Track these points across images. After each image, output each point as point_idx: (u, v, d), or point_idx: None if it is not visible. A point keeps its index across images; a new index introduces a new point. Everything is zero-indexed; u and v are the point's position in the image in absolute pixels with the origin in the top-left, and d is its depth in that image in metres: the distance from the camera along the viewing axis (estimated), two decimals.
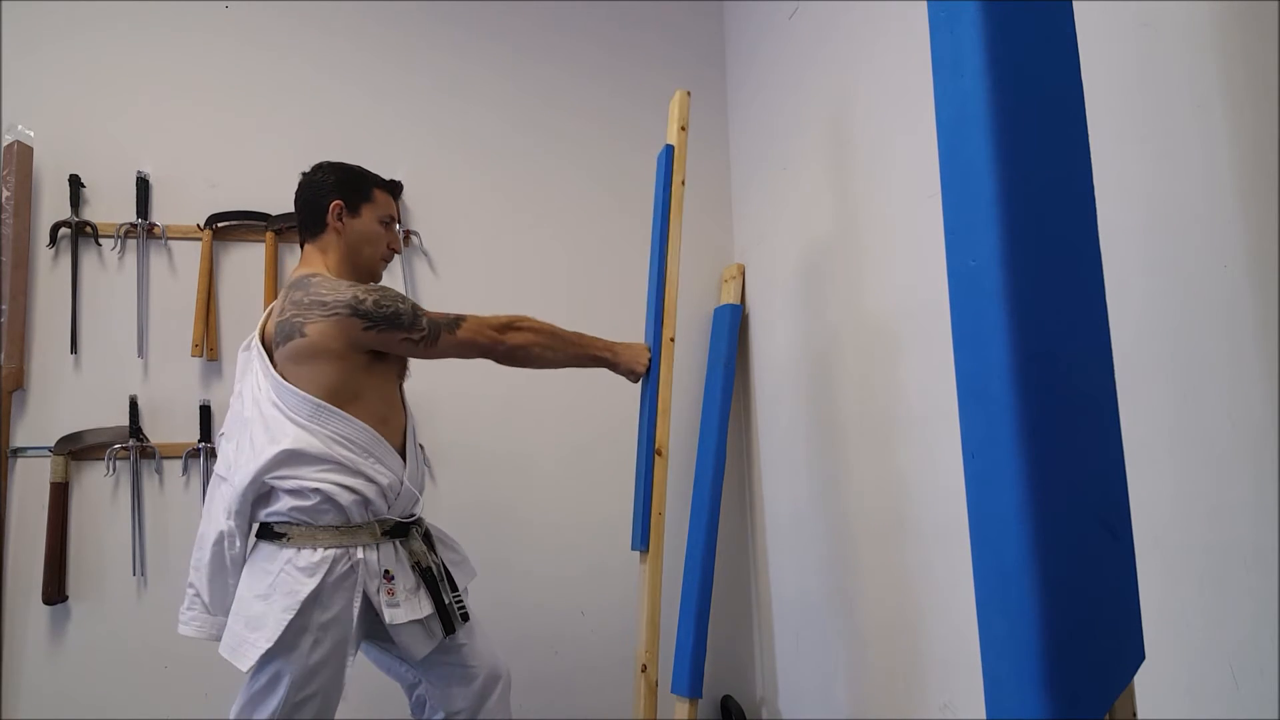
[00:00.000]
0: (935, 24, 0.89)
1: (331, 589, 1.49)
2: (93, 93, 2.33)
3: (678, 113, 1.91)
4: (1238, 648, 1.00)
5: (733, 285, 2.60)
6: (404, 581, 1.57)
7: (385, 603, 1.53)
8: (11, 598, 2.14)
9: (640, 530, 1.78)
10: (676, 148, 1.89)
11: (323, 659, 1.48)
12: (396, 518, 1.61)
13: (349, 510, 1.52)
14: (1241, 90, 1.01)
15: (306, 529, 1.51)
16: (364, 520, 1.54)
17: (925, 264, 1.60)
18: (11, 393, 2.18)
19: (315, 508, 1.50)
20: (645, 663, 1.73)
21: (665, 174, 1.91)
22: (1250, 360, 1.00)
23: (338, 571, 1.50)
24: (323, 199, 1.67)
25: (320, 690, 1.49)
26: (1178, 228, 1.09)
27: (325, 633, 1.48)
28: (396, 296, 1.60)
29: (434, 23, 2.60)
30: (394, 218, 1.76)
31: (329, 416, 1.52)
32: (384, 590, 1.53)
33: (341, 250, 1.68)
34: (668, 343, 1.85)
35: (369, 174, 1.75)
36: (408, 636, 1.57)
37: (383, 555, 1.56)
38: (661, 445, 1.81)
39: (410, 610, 1.55)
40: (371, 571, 1.54)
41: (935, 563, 1.62)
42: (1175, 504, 1.08)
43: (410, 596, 1.57)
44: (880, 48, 1.82)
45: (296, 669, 1.46)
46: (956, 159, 0.85)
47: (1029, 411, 0.77)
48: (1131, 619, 0.83)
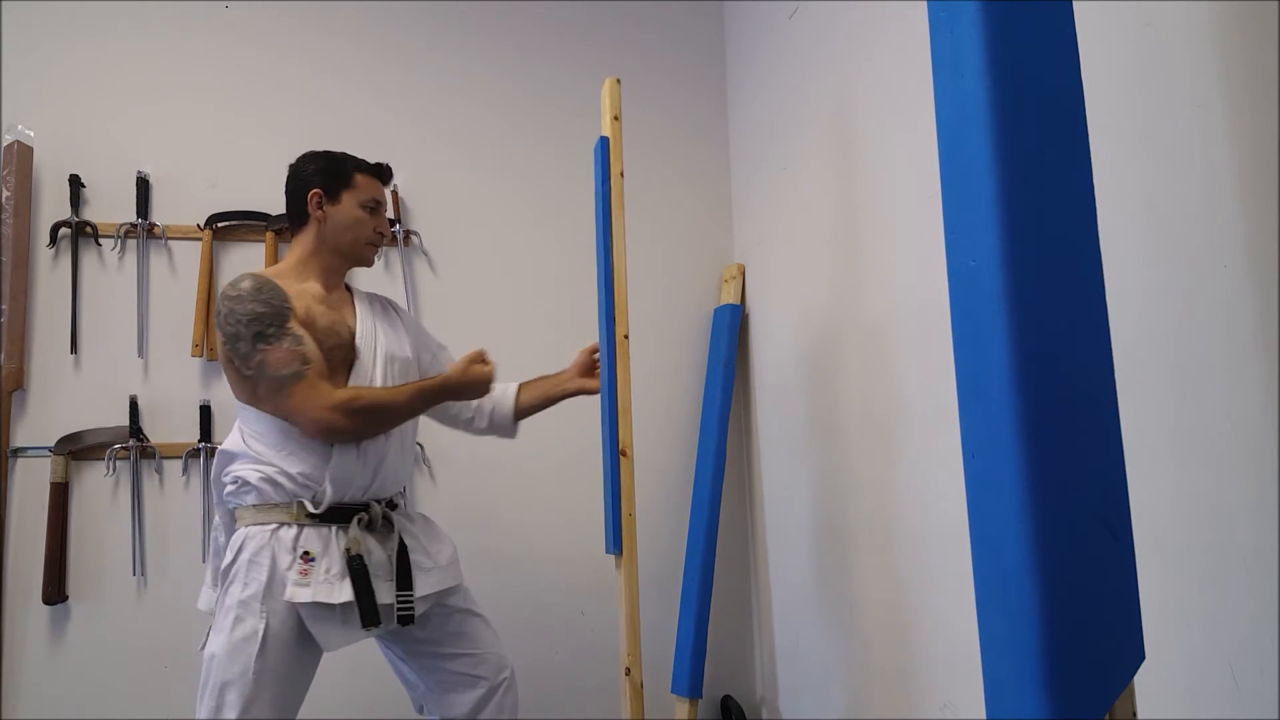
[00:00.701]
0: (935, 24, 0.89)
1: (247, 566, 1.51)
2: (93, 93, 2.33)
3: (609, 102, 1.84)
4: (1238, 648, 1.00)
5: (733, 285, 2.60)
6: (328, 565, 1.52)
7: (292, 580, 1.49)
8: (11, 598, 2.14)
9: (613, 533, 1.76)
10: (612, 139, 1.84)
11: (244, 636, 1.46)
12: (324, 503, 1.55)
13: (259, 489, 1.54)
14: (1241, 90, 1.01)
15: (239, 510, 1.58)
16: (281, 500, 1.55)
17: (925, 264, 1.60)
18: (11, 393, 2.18)
19: (238, 491, 1.57)
20: (629, 665, 1.72)
21: (603, 166, 1.84)
22: (1250, 360, 1.00)
23: (250, 548, 1.51)
24: (303, 188, 1.67)
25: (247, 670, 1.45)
26: (1178, 228, 1.09)
27: (245, 609, 1.48)
28: (248, 316, 1.50)
29: (433, 22, 2.60)
30: (380, 201, 1.72)
31: (246, 415, 1.59)
32: (297, 569, 1.50)
33: (320, 238, 1.67)
34: (622, 341, 1.80)
35: (351, 159, 1.71)
36: (314, 620, 1.50)
37: (305, 536, 1.53)
38: (625, 446, 1.78)
39: (320, 593, 1.49)
40: (284, 547, 1.51)
41: (935, 563, 1.62)
42: (1175, 504, 1.08)
43: (329, 581, 1.51)
44: (880, 48, 1.82)
45: (220, 647, 1.47)
46: (956, 159, 0.85)
47: (1029, 411, 0.77)
48: (1131, 619, 0.83)
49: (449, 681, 1.70)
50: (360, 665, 2.09)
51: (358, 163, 1.72)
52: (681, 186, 2.74)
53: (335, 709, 2.20)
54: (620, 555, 1.74)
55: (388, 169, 1.77)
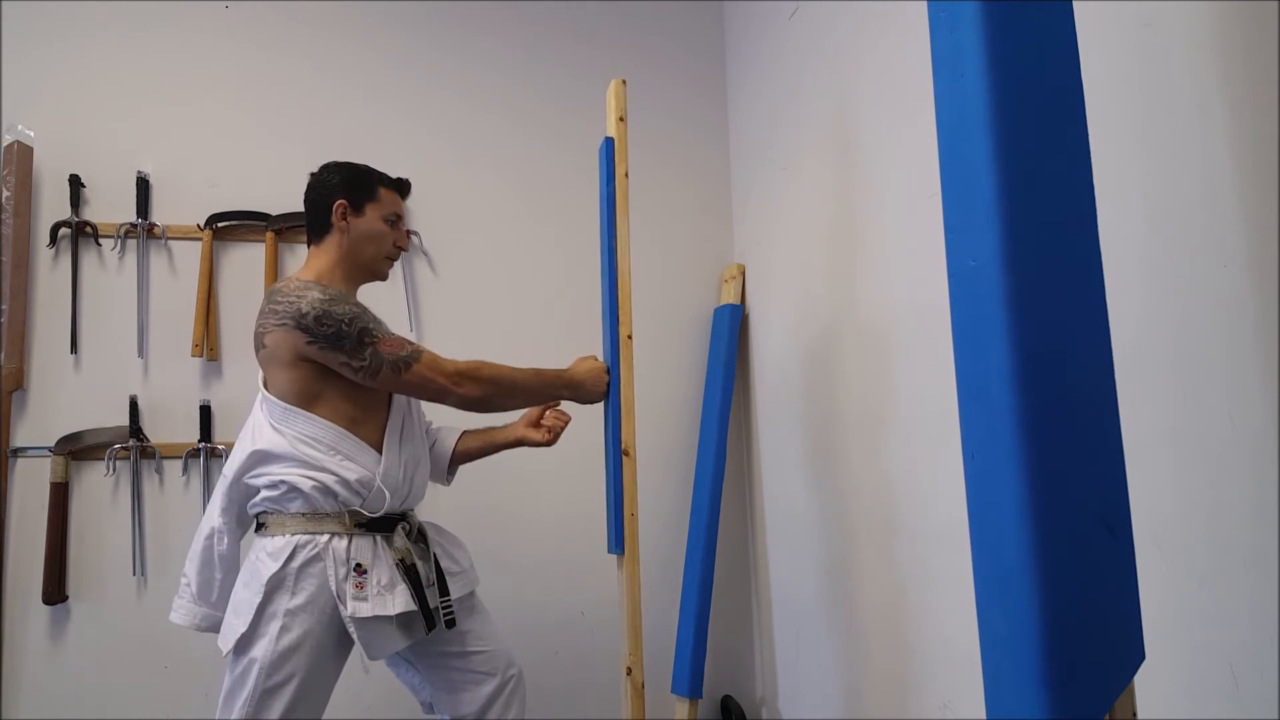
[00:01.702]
0: (935, 24, 0.89)
1: (297, 575, 1.50)
2: (93, 93, 2.33)
3: (615, 103, 1.85)
4: (1238, 648, 1.00)
5: (733, 285, 2.60)
6: (378, 576, 1.54)
7: (351, 595, 1.51)
8: (11, 598, 2.14)
9: (614, 533, 1.76)
10: (616, 140, 1.84)
11: (292, 645, 1.48)
12: (372, 512, 1.57)
13: (312, 498, 1.53)
14: (1241, 90, 1.01)
15: (278, 516, 1.55)
16: (333, 510, 1.54)
17: (925, 264, 1.60)
18: (11, 393, 2.18)
19: (283, 496, 1.54)
20: (630, 665, 1.72)
21: (608, 167, 1.85)
22: (1250, 360, 1.00)
23: (301, 557, 1.51)
24: (327, 198, 1.67)
25: (292, 678, 1.47)
26: (1178, 228, 1.09)
27: (294, 619, 1.48)
28: (345, 316, 1.53)
29: (433, 22, 2.60)
30: (400, 216, 1.75)
31: (295, 418, 1.56)
32: (353, 583, 1.52)
33: (343, 250, 1.67)
34: (625, 341, 1.80)
35: (375, 172, 1.73)
36: (368, 632, 1.52)
37: (356, 547, 1.54)
38: (629, 445, 1.78)
39: (377, 606, 1.52)
40: (338, 559, 1.52)
41: (935, 563, 1.62)
42: (1175, 504, 1.08)
43: (383, 593, 1.53)
44: (880, 47, 1.82)
45: (264, 654, 1.47)
46: (956, 159, 0.85)
47: (1029, 411, 0.77)
48: (1131, 619, 0.83)
49: (458, 680, 1.70)
50: (360, 665, 2.10)
51: (381, 176, 1.73)
52: (681, 187, 2.74)
53: (335, 709, 2.20)
54: (622, 555, 1.74)
55: (408, 183, 1.79)
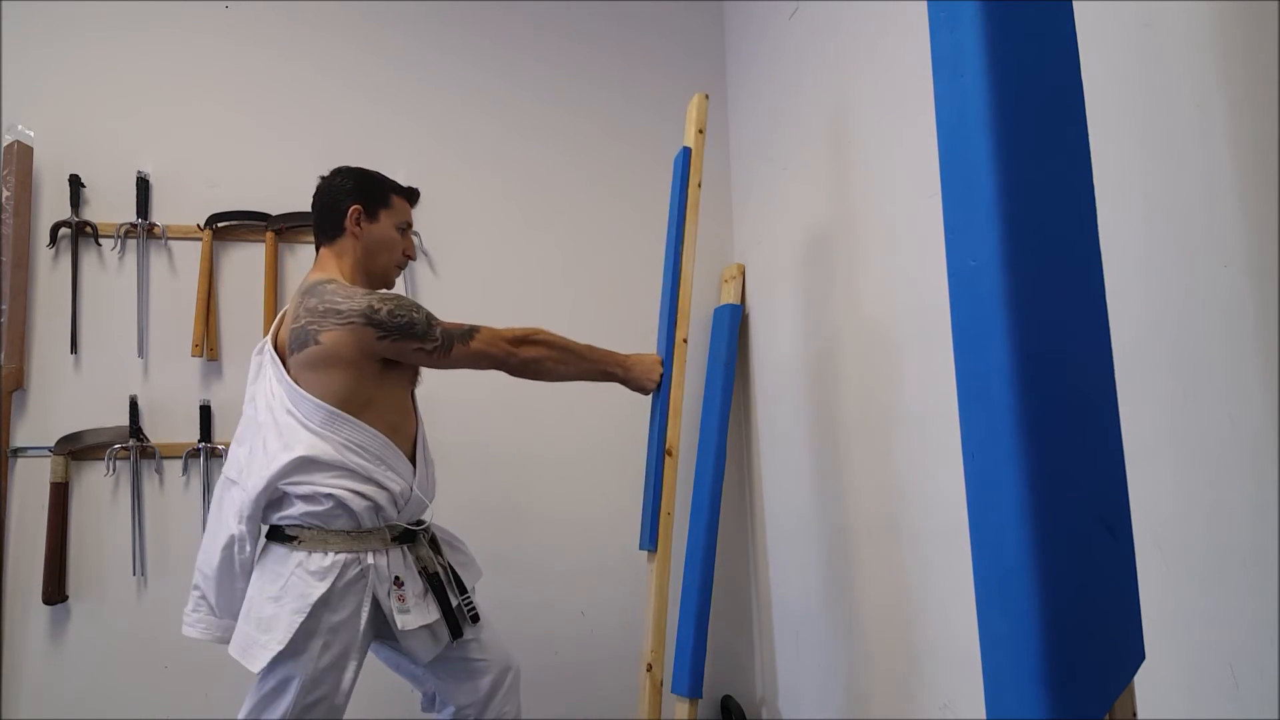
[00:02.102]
0: (935, 24, 0.89)
1: (341, 593, 1.50)
2: (93, 93, 2.33)
3: (695, 115, 1.92)
4: (1238, 648, 1.00)
5: (733, 285, 2.60)
6: (413, 587, 1.58)
7: (396, 609, 1.54)
8: (11, 598, 2.14)
9: (649, 530, 1.79)
10: (694, 150, 1.90)
11: (332, 662, 1.49)
12: (405, 524, 1.61)
13: (360, 515, 1.53)
14: (1241, 90, 1.01)
15: (318, 533, 1.52)
16: (374, 526, 1.55)
17: (925, 264, 1.60)
18: (11, 393, 2.18)
19: (328, 512, 1.52)
20: (650, 662, 1.73)
21: (682, 176, 1.92)
22: (1250, 360, 1.00)
23: (348, 576, 1.51)
24: (341, 203, 1.67)
25: (330, 693, 1.50)
26: (1178, 228, 1.09)
27: (335, 636, 1.49)
28: (411, 305, 1.60)
29: (433, 23, 2.60)
30: (409, 224, 1.76)
31: (342, 423, 1.53)
32: (395, 596, 1.54)
33: (357, 255, 1.68)
34: (680, 344, 1.85)
35: (388, 180, 1.75)
36: (415, 641, 1.57)
37: (393, 561, 1.57)
38: (672, 445, 1.81)
39: (420, 616, 1.56)
40: (381, 577, 1.54)
41: (935, 563, 1.62)
42: (1175, 504, 1.08)
43: (419, 602, 1.58)
44: (880, 48, 1.82)
45: (306, 672, 1.47)
46: (956, 159, 0.85)
47: (1029, 411, 0.77)
48: (1131, 619, 0.83)
49: (460, 670, 1.71)
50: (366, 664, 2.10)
51: (394, 184, 1.75)
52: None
53: None
54: (654, 552, 1.76)
55: (418, 193, 1.81)
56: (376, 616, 1.56)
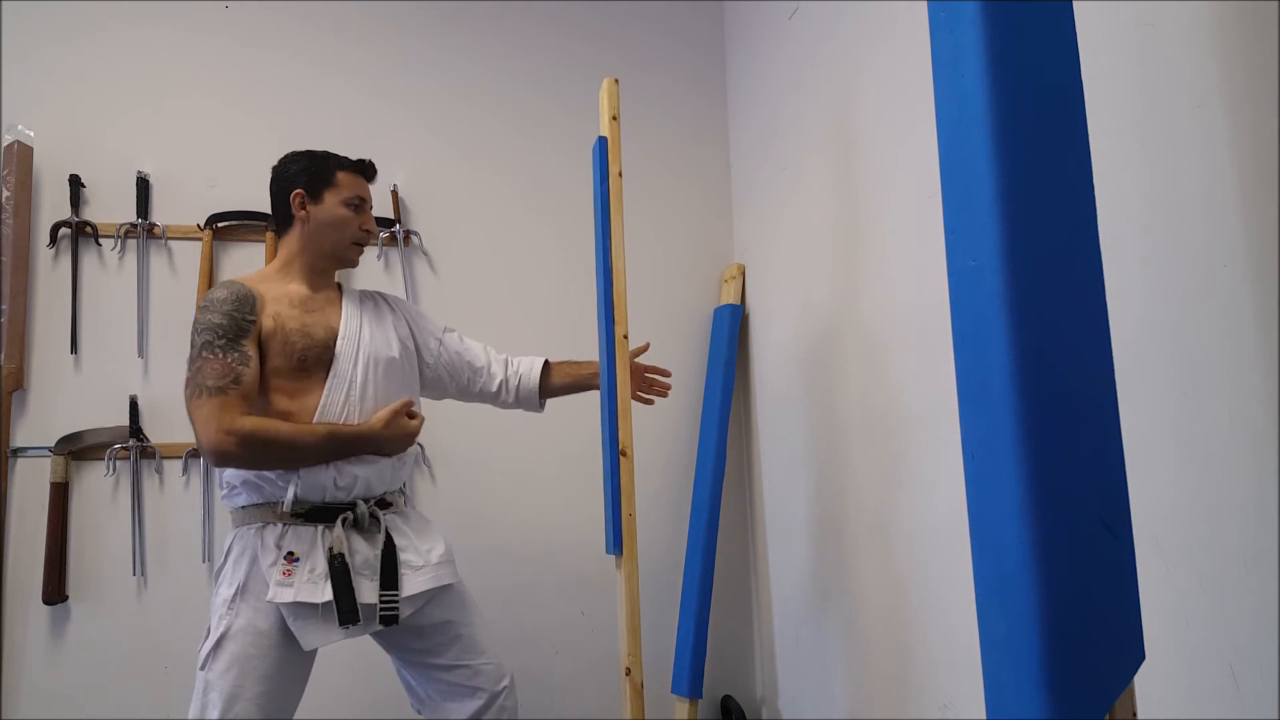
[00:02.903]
0: (935, 24, 0.89)
1: (232, 565, 1.54)
2: (93, 92, 2.33)
3: (607, 102, 1.85)
4: (1238, 648, 1.00)
5: (733, 285, 2.60)
6: (312, 565, 1.52)
7: (276, 580, 1.50)
8: (11, 598, 2.14)
9: (613, 533, 1.76)
10: (610, 139, 1.84)
11: (224, 633, 1.49)
12: (316, 502, 1.56)
13: (244, 490, 1.57)
14: (1241, 90, 1.01)
15: (233, 513, 1.60)
16: (263, 500, 1.56)
17: (925, 264, 1.60)
18: (11, 393, 2.18)
19: (229, 494, 1.60)
20: (629, 665, 1.72)
21: (601, 166, 1.84)
22: (1250, 360, 1.00)
23: (237, 548, 1.55)
24: (285, 189, 1.66)
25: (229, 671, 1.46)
26: (1178, 228, 1.09)
27: (227, 608, 1.51)
28: (203, 325, 1.52)
29: (433, 22, 2.60)
30: (363, 199, 1.71)
31: None
32: (280, 569, 1.51)
33: (302, 240, 1.67)
34: (621, 340, 1.80)
35: (333, 157, 1.70)
36: (298, 620, 1.51)
37: (289, 535, 1.54)
38: (625, 446, 1.78)
39: (303, 593, 1.49)
40: (266, 546, 1.53)
41: (935, 563, 1.62)
42: (1175, 504, 1.08)
43: (312, 581, 1.51)
44: (880, 48, 1.82)
45: (207, 647, 1.50)
46: (956, 159, 0.85)
47: (1029, 411, 0.77)
48: (1131, 619, 0.82)
49: (446, 691, 1.70)
50: (360, 666, 2.10)
51: (339, 160, 1.70)
52: (681, 186, 2.74)
53: (335, 709, 2.20)
54: (620, 555, 1.74)
55: (370, 165, 1.75)
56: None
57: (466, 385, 1.91)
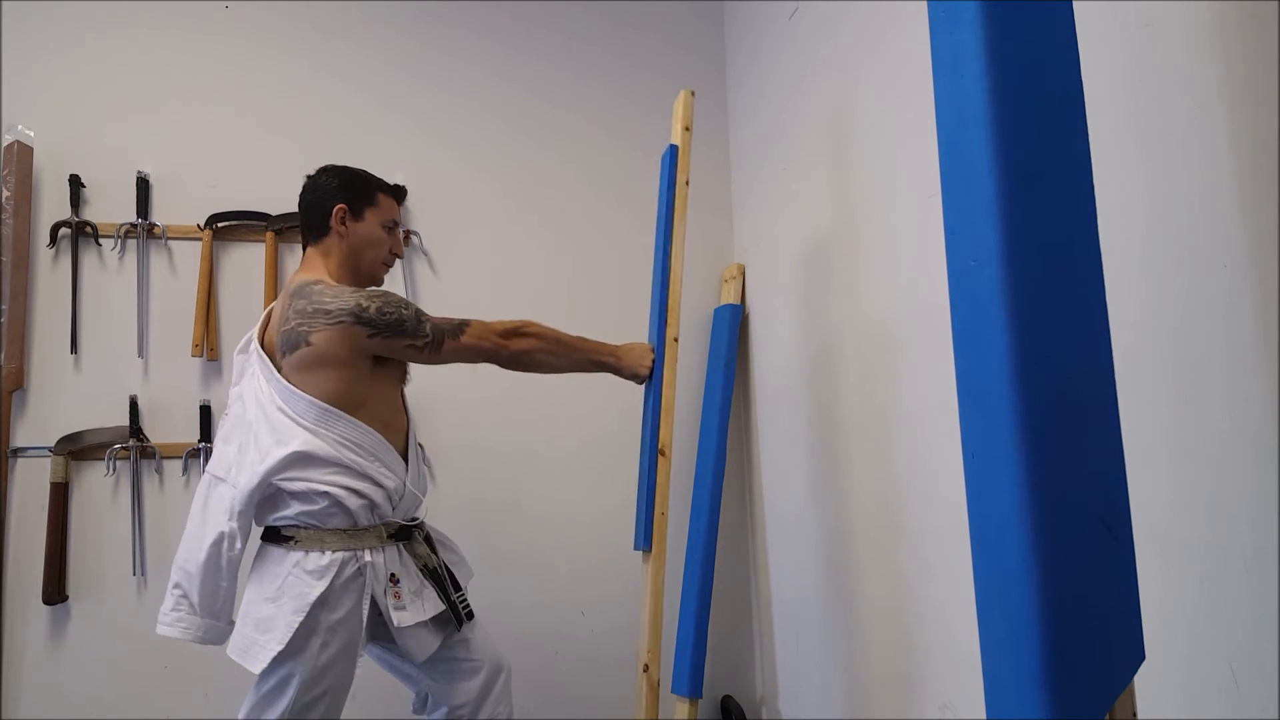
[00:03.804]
0: (935, 24, 0.89)
1: (339, 591, 1.51)
2: (93, 93, 2.33)
3: (682, 113, 1.91)
4: (1238, 648, 1.00)
5: (733, 285, 2.60)
6: (409, 584, 1.59)
7: (392, 606, 1.54)
8: (11, 598, 2.14)
9: (643, 530, 1.79)
10: (681, 148, 1.89)
11: (331, 660, 1.49)
12: (400, 521, 1.62)
13: (356, 514, 1.54)
14: (1241, 90, 1.01)
15: (314, 532, 1.53)
16: (370, 523, 1.56)
17: (925, 264, 1.60)
18: (11, 393, 2.18)
19: (323, 511, 1.53)
20: (647, 662, 1.73)
21: (669, 174, 1.91)
22: (1250, 360, 1.00)
23: (346, 574, 1.52)
24: (326, 202, 1.68)
25: (329, 690, 1.51)
26: (1178, 228, 1.09)
27: (333, 634, 1.49)
28: (400, 303, 1.60)
29: (434, 22, 2.60)
30: (397, 222, 1.77)
31: (336, 420, 1.54)
32: (391, 594, 1.55)
33: (343, 254, 1.69)
34: (671, 343, 1.85)
35: (373, 178, 1.75)
36: (412, 639, 1.58)
37: (388, 558, 1.58)
38: (665, 445, 1.81)
39: (416, 613, 1.57)
40: (378, 574, 1.55)
41: (935, 563, 1.62)
42: (1175, 504, 1.08)
43: (414, 599, 1.58)
44: (880, 48, 1.82)
45: (306, 670, 1.47)
46: (956, 159, 0.85)
47: (1029, 411, 0.77)
48: (1131, 619, 0.83)
49: (453, 671, 1.72)
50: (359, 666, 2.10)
51: (380, 182, 1.75)
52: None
53: None
54: (649, 551, 1.77)
55: (404, 190, 1.82)
56: (373, 614, 1.56)
57: None
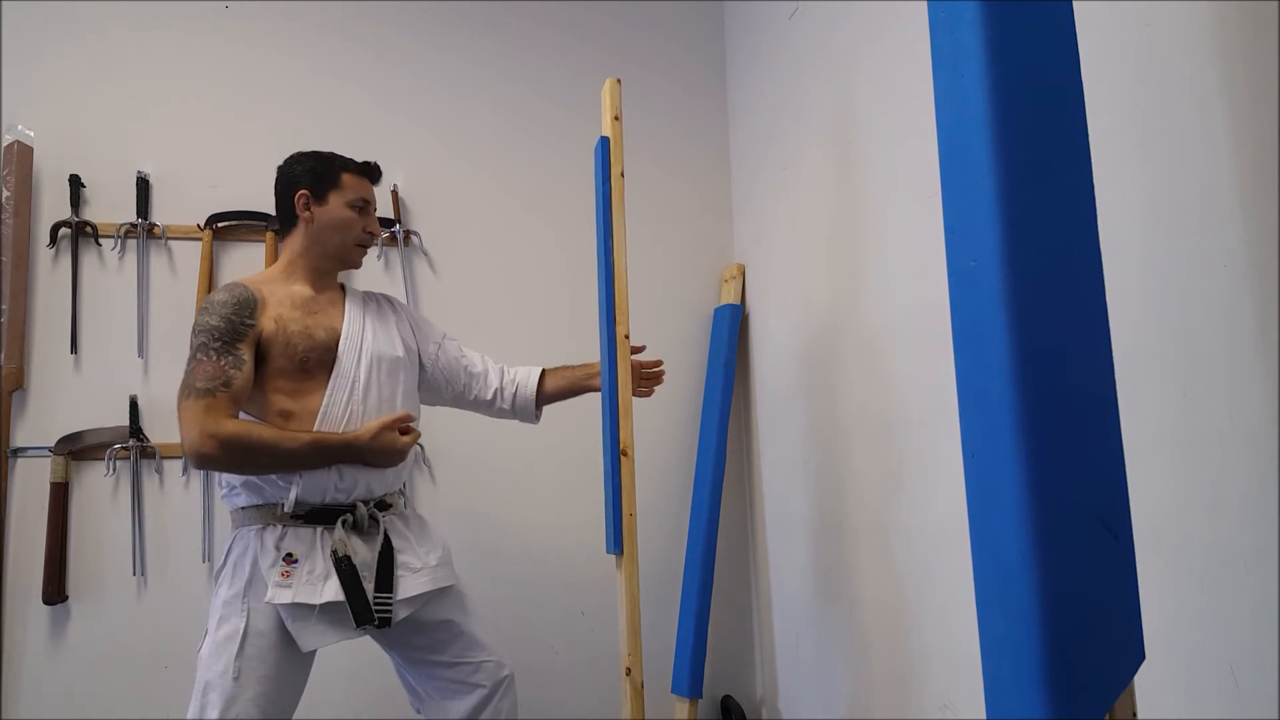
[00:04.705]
0: (935, 24, 0.89)
1: (233, 567, 1.55)
2: (93, 93, 2.33)
3: (609, 102, 1.85)
4: (1238, 648, 1.00)
5: (733, 285, 2.60)
6: (311, 566, 1.52)
7: (275, 581, 1.50)
8: (11, 598, 2.14)
9: (613, 533, 1.76)
10: (612, 139, 1.85)
11: (227, 635, 1.49)
12: (315, 503, 1.56)
13: (245, 491, 1.57)
14: (1241, 90, 1.01)
15: (233, 514, 1.61)
16: (263, 502, 1.56)
17: (925, 264, 1.60)
18: (11, 393, 2.18)
19: (229, 494, 1.60)
20: (630, 666, 1.72)
21: (603, 166, 1.84)
22: (1250, 360, 1.00)
23: (237, 549, 1.56)
24: (290, 189, 1.67)
25: (227, 672, 1.46)
26: (1178, 228, 1.09)
27: (229, 609, 1.51)
28: (201, 327, 1.52)
29: (433, 22, 2.60)
30: (368, 201, 1.72)
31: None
32: (279, 570, 1.51)
33: (306, 241, 1.67)
34: (622, 340, 1.80)
35: (339, 158, 1.71)
36: (296, 621, 1.51)
37: (289, 537, 1.54)
38: (626, 445, 1.78)
39: (301, 594, 1.50)
40: (266, 548, 1.53)
41: (935, 563, 1.62)
42: (1175, 504, 1.08)
43: (314, 582, 1.51)
44: (880, 47, 1.82)
45: (207, 647, 1.51)
46: (956, 159, 0.85)
47: (1029, 411, 0.77)
48: (1131, 619, 0.83)
49: (446, 689, 1.71)
50: (360, 666, 2.10)
51: (345, 162, 1.71)
52: (681, 186, 2.74)
53: (335, 709, 2.20)
54: (621, 555, 1.74)
55: (376, 167, 1.75)
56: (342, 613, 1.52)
57: (462, 392, 1.90)
